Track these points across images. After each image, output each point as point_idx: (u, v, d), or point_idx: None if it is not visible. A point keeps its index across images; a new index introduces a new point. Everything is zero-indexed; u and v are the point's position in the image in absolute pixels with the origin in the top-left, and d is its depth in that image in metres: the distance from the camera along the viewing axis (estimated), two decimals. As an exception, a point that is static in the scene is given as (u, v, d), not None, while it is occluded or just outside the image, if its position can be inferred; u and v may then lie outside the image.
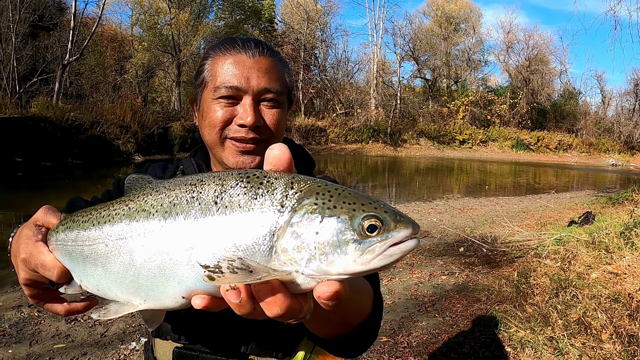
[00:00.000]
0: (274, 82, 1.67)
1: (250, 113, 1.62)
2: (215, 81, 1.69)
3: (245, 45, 1.70)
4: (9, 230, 8.17)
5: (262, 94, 1.66)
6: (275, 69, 1.69)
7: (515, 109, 67.97)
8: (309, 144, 49.02)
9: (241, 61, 1.67)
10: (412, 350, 6.12)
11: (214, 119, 1.68)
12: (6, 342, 6.29)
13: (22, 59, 38.39)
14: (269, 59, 1.69)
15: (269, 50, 1.72)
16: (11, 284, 8.72)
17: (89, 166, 30.05)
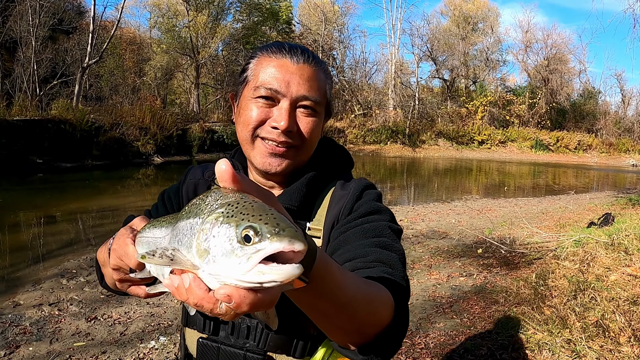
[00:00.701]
0: (313, 91, 1.69)
1: (285, 117, 1.64)
2: (256, 81, 1.71)
3: (292, 51, 1.71)
4: (30, 230, 8.36)
5: (299, 101, 1.68)
6: (317, 78, 1.71)
7: (534, 109, 67.60)
8: (328, 145, 49.06)
9: (284, 65, 1.69)
10: (429, 351, 6.11)
11: (249, 117, 1.71)
12: (27, 340, 6.38)
13: (42, 62, 38.70)
14: (313, 67, 1.70)
15: (313, 59, 1.72)
16: (32, 283, 8.84)
17: (108, 167, 30.28)
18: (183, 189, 2.08)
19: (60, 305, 7.65)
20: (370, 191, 1.77)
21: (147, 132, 34.67)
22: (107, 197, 19.84)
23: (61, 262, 10.24)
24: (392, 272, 1.41)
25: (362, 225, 1.61)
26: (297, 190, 1.73)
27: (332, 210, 1.73)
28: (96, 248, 7.92)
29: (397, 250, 1.53)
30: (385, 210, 1.70)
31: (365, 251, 1.48)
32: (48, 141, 28.72)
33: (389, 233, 1.59)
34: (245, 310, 0.83)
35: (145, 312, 7.41)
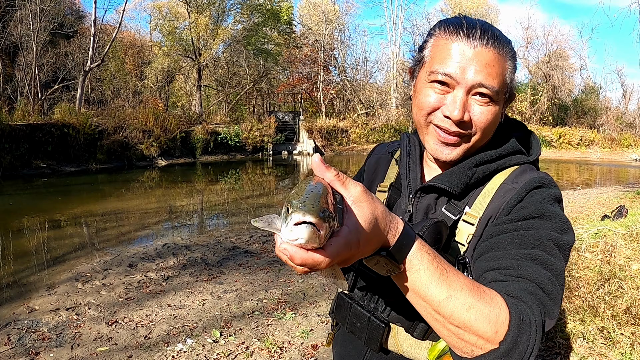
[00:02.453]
0: (492, 78, 1.55)
1: (458, 107, 1.55)
2: (432, 64, 1.62)
3: (470, 33, 1.57)
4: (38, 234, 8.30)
5: (475, 88, 1.55)
6: (497, 63, 1.57)
7: (536, 106, 67.53)
8: (331, 145, 49.04)
9: (461, 50, 1.56)
10: None
11: (423, 103, 1.63)
12: (46, 346, 6.24)
13: (44, 67, 38.67)
14: (493, 51, 1.56)
15: (495, 42, 1.58)
16: (46, 288, 8.73)
17: (112, 171, 30.22)
18: (366, 163, 2.13)
19: (78, 310, 7.51)
20: (542, 190, 1.56)
21: (150, 134, 34.58)
22: (113, 201, 19.71)
23: (74, 265, 10.11)
24: (535, 292, 1.30)
25: (519, 231, 1.46)
26: (458, 172, 1.64)
27: (494, 202, 1.60)
28: (107, 251, 7.90)
29: (553, 267, 1.38)
30: (555, 216, 1.50)
31: (513, 263, 1.37)
32: (52, 145, 28.69)
33: (549, 245, 1.42)
34: (298, 262, 1.03)
35: (168, 314, 7.26)
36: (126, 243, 12.32)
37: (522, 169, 1.66)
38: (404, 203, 1.77)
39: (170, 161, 35.10)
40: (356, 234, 1.07)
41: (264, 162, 39.54)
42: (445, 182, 1.63)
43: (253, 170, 33.95)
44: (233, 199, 21.32)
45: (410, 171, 1.79)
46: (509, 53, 1.61)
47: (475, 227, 1.58)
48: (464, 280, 1.22)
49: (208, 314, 7.31)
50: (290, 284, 8.76)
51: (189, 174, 31.44)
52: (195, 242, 11.99)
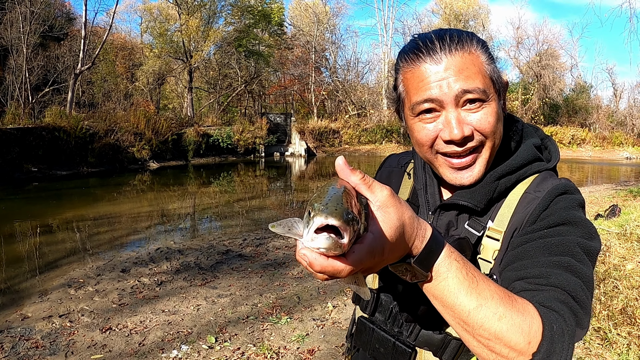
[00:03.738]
0: (471, 80, 1.47)
1: (454, 125, 1.48)
2: (410, 98, 1.56)
3: (430, 49, 1.50)
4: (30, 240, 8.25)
5: (461, 98, 1.48)
6: (470, 63, 1.49)
7: (527, 105, 67.59)
8: (323, 146, 49.05)
9: (429, 70, 1.50)
10: None
11: (420, 139, 1.57)
12: (40, 354, 6.19)
13: (34, 70, 38.56)
14: (459, 53, 1.48)
15: (457, 44, 1.50)
16: (38, 294, 8.67)
17: (104, 174, 30.15)
18: (377, 176, 2.04)
19: (72, 317, 7.46)
20: (566, 197, 1.51)
21: (142, 137, 34.57)
22: (105, 205, 19.65)
23: (66, 271, 10.05)
24: (567, 301, 1.25)
25: (546, 238, 1.40)
26: (480, 188, 1.58)
27: (519, 213, 1.54)
28: (99, 256, 7.87)
29: (583, 275, 1.32)
30: (581, 222, 1.44)
31: (542, 271, 1.32)
32: (43, 149, 28.68)
33: (577, 252, 1.36)
34: (317, 269, 0.99)
35: (162, 320, 7.21)
36: (119, 248, 12.27)
37: (542, 176, 1.61)
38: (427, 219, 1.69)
39: (162, 164, 35.07)
40: (381, 241, 1.04)
41: (256, 164, 39.54)
42: (468, 199, 1.58)
43: (245, 172, 33.92)
44: (226, 201, 21.29)
45: (428, 186, 1.73)
46: (478, 46, 1.53)
47: (501, 242, 1.53)
48: (495, 289, 1.18)
49: (202, 320, 7.25)
50: (284, 288, 8.71)
51: (180, 177, 31.40)
52: (188, 246, 11.93)
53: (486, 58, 1.53)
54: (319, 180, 29.27)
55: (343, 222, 0.93)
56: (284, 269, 9.98)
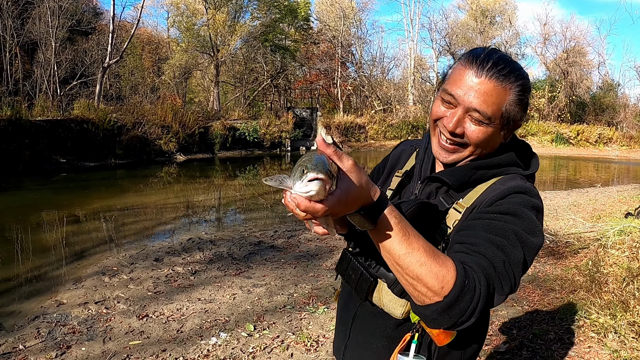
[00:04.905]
0: (486, 105, 1.81)
1: (454, 120, 1.85)
2: (447, 84, 1.93)
3: (481, 64, 1.84)
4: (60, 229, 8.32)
5: (470, 111, 1.84)
6: (495, 94, 1.81)
7: (553, 103, 66.99)
8: (349, 141, 48.85)
9: (469, 77, 1.84)
10: (498, 338, 6.24)
11: (433, 112, 1.98)
12: (77, 339, 6.21)
13: (62, 63, 38.89)
14: (494, 83, 1.81)
15: (500, 75, 1.82)
16: (72, 282, 8.72)
17: (131, 166, 30.28)
18: (392, 153, 2.48)
19: (107, 304, 7.48)
20: (523, 196, 1.80)
21: (169, 130, 34.58)
22: (134, 195, 19.75)
23: (99, 259, 10.12)
24: (486, 267, 1.59)
25: (491, 220, 1.72)
26: (460, 171, 1.94)
27: (482, 197, 1.86)
28: (131, 245, 7.95)
29: (510, 254, 1.65)
30: (527, 217, 1.74)
31: (477, 242, 1.65)
32: (71, 141, 28.83)
33: (512, 238, 1.67)
34: (302, 209, 1.35)
35: (199, 308, 7.21)
36: (150, 237, 12.32)
37: (513, 177, 1.93)
38: (412, 187, 2.14)
39: (188, 156, 35.06)
40: (346, 194, 1.40)
41: (282, 158, 39.46)
42: (449, 176, 1.95)
43: (271, 166, 33.92)
44: (254, 194, 21.28)
45: (424, 163, 2.15)
46: (514, 87, 1.85)
47: (462, 214, 1.87)
48: (422, 243, 1.52)
49: (239, 308, 7.25)
50: (319, 279, 8.70)
51: (207, 170, 31.49)
52: (219, 237, 11.94)
53: (514, 99, 1.85)
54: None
55: (327, 176, 1.31)
56: (318, 260, 9.96)
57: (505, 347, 5.89)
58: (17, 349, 5.97)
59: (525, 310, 7.19)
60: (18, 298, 8.11)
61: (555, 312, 7.03)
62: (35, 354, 5.83)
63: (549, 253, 10.22)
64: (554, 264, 9.49)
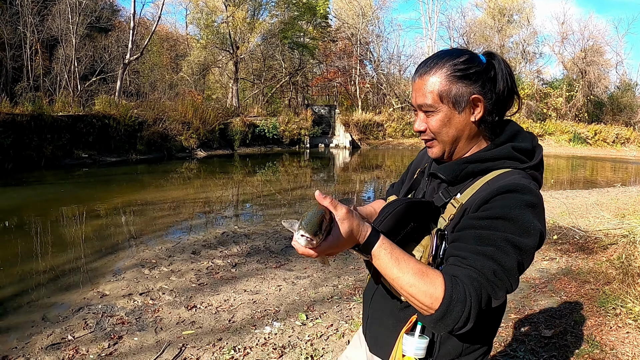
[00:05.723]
0: (424, 97, 2.03)
1: (416, 121, 2.12)
2: None
3: (415, 71, 2.12)
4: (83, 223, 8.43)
5: (419, 108, 2.09)
6: (426, 84, 2.02)
7: (571, 102, 66.65)
8: (367, 139, 48.82)
9: (412, 85, 2.13)
10: (542, 324, 6.38)
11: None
12: (127, 330, 6.23)
13: (82, 60, 39.29)
14: (423, 77, 2.04)
15: (426, 69, 2.05)
16: (112, 274, 8.76)
17: (152, 161, 30.41)
18: (419, 154, 2.69)
19: (152, 295, 7.49)
20: (511, 195, 1.84)
21: (189, 126, 34.73)
22: (160, 190, 19.72)
23: (135, 252, 10.18)
24: (477, 278, 1.72)
25: (480, 230, 1.81)
26: (451, 165, 2.09)
27: (474, 196, 1.95)
28: (166, 239, 8.04)
29: (501, 261, 1.74)
30: (517, 219, 1.80)
31: (468, 255, 1.77)
32: (93, 136, 29.07)
33: (503, 245, 1.76)
34: (299, 252, 1.66)
35: (246, 299, 7.24)
36: (182, 231, 12.34)
37: (508, 173, 1.98)
38: (422, 184, 2.34)
39: (209, 152, 35.19)
40: (337, 239, 1.67)
41: (301, 155, 39.42)
42: (442, 171, 2.11)
43: (291, 163, 33.85)
44: (280, 189, 21.21)
45: (433, 162, 2.28)
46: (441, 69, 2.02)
47: (456, 209, 1.98)
48: (412, 266, 1.72)
49: (287, 299, 7.27)
50: (360, 271, 8.72)
51: (228, 166, 31.50)
52: (253, 231, 11.94)
53: (444, 77, 2.01)
54: (364, 173, 29.23)
55: (312, 235, 1.57)
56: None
57: (551, 333, 6.06)
58: (66, 339, 5.98)
59: (564, 300, 7.33)
60: (58, 290, 8.11)
61: (592, 301, 7.17)
62: (86, 344, 5.84)
63: (579, 248, 10.36)
64: (585, 258, 9.62)
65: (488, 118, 2.05)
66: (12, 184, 20.38)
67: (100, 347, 5.73)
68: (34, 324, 6.59)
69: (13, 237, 12.01)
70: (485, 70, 2.02)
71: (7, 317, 6.97)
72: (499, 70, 2.04)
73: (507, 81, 2.04)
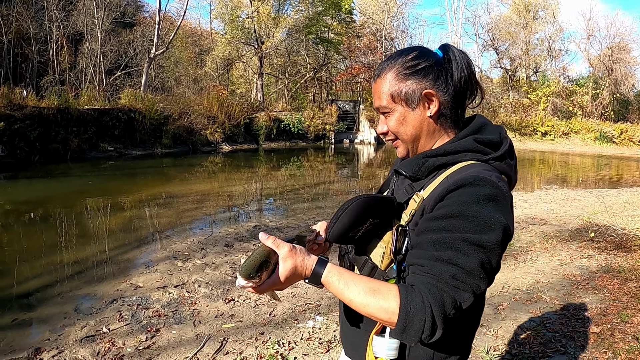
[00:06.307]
0: (379, 99, 2.03)
1: (378, 124, 2.12)
2: None
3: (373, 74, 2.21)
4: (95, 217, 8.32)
5: (379, 111, 2.08)
6: (380, 87, 2.02)
7: (597, 100, 66.03)
8: (392, 135, 48.88)
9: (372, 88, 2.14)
10: (588, 321, 6.25)
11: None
12: (164, 322, 6.11)
13: (107, 54, 39.74)
14: (375, 82, 2.06)
15: (378, 73, 2.06)
16: (145, 265, 8.70)
17: (178, 155, 30.56)
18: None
19: (187, 287, 7.38)
20: (466, 190, 1.76)
21: (215, 120, 34.82)
22: (185, 184, 19.69)
23: (167, 245, 10.11)
24: (435, 284, 1.65)
25: (437, 233, 1.74)
26: (411, 161, 2.04)
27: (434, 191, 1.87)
28: (197, 231, 8.79)
29: (461, 263, 1.66)
30: (474, 215, 1.71)
31: (425, 262, 1.71)
32: (118, 129, 29.27)
33: (461, 247, 1.68)
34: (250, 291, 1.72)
35: (285, 292, 7.07)
36: (214, 224, 12.28)
37: (468, 166, 1.89)
38: (392, 182, 2.28)
39: (234, 147, 35.29)
40: (280, 278, 1.72)
41: (326, 150, 39.40)
42: (402, 167, 2.06)
43: (316, 158, 33.79)
44: (307, 184, 21.15)
45: (402, 160, 2.19)
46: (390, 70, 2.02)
47: (417, 204, 1.92)
48: (362, 286, 1.71)
49: (328, 293, 7.05)
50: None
51: (253, 160, 31.56)
52: (285, 225, 11.88)
53: (393, 76, 2.00)
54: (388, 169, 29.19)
55: (245, 278, 1.62)
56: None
57: (599, 329, 5.93)
58: (101, 331, 5.88)
59: (607, 297, 7.17)
60: (90, 281, 8.03)
61: (636, 299, 7.03)
62: (122, 337, 5.72)
63: (617, 246, 10.14)
64: (624, 256, 9.41)
65: (446, 111, 2.01)
66: (38, 176, 20.53)
67: (137, 340, 5.60)
68: (66, 316, 6.50)
69: (41, 229, 11.98)
70: (437, 64, 1.99)
71: (38, 308, 6.90)
72: (454, 61, 1.99)
73: (464, 71, 1.98)
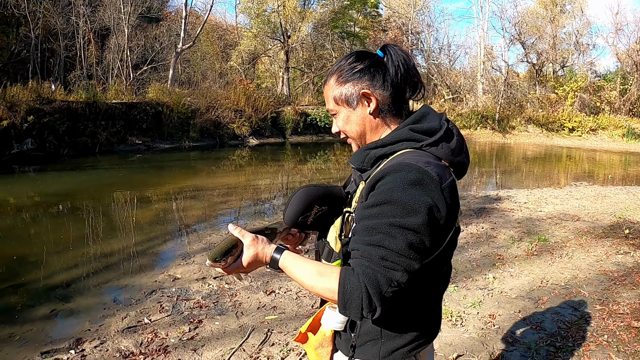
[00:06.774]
0: (327, 104, 2.21)
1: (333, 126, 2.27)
2: None
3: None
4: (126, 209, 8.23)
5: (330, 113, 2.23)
6: (326, 94, 2.20)
7: (625, 96, 65.29)
8: (418, 130, 48.71)
9: None
10: (629, 315, 6.15)
11: None
12: (206, 314, 6.09)
13: (134, 49, 39.94)
14: (324, 87, 2.22)
15: (324, 81, 2.23)
16: (181, 257, 8.70)
17: (205, 148, 30.67)
18: None
19: (227, 279, 7.31)
20: (392, 177, 1.87)
21: (242, 114, 34.92)
22: (214, 177, 19.72)
23: (203, 236, 10.11)
24: (368, 266, 1.79)
25: (368, 220, 1.87)
26: (357, 154, 2.14)
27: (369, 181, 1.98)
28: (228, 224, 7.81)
29: (389, 245, 1.79)
30: (399, 201, 1.81)
31: (359, 247, 1.86)
32: (146, 123, 29.46)
33: (387, 230, 1.80)
34: (220, 272, 1.97)
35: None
36: (248, 216, 12.41)
37: (401, 155, 2.00)
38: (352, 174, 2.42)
39: (260, 140, 35.34)
40: (244, 262, 1.94)
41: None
42: (351, 161, 2.17)
43: (341, 152, 33.58)
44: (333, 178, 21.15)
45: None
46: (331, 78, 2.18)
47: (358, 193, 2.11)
48: (311, 269, 1.90)
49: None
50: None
51: (280, 154, 31.56)
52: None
53: (334, 82, 2.16)
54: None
55: (213, 262, 1.87)
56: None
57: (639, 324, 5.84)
58: (143, 322, 5.87)
59: None
60: (127, 272, 8.08)
61: None
62: (164, 328, 5.69)
63: None
64: None
65: (384, 107, 2.12)
66: (67, 169, 20.68)
67: (180, 331, 5.57)
68: (105, 307, 6.51)
69: (72, 221, 12.04)
70: (374, 64, 2.10)
71: (76, 299, 6.91)
72: (390, 59, 2.11)
73: (400, 68, 2.08)
